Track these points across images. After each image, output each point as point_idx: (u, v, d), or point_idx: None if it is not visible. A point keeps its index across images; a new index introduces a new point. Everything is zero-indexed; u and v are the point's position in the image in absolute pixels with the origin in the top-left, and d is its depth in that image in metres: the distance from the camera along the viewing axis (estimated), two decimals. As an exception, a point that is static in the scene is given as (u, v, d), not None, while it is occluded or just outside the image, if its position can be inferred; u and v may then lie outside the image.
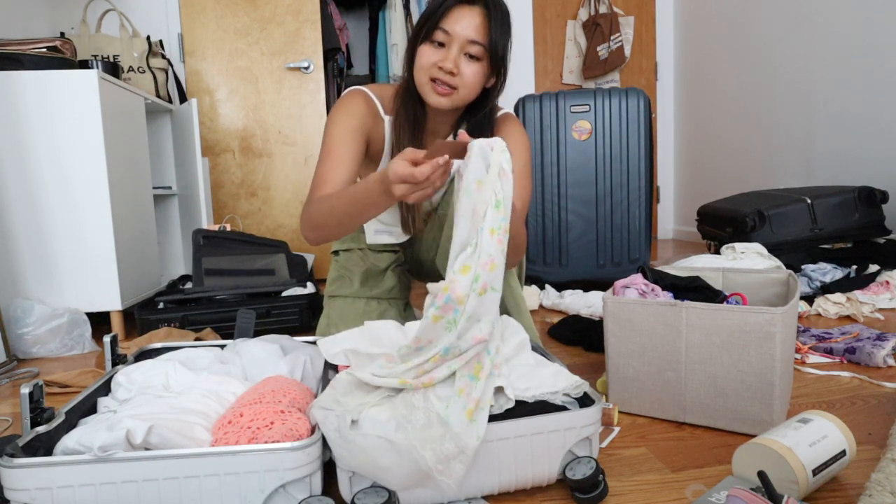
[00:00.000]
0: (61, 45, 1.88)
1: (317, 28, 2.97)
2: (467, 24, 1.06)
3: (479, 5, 1.07)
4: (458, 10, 1.07)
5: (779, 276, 1.21)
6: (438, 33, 1.07)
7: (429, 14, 1.09)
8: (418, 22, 1.12)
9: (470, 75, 1.09)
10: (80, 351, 1.74)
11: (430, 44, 1.09)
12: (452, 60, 1.07)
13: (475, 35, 1.07)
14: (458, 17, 1.06)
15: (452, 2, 1.07)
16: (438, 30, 1.07)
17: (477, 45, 1.07)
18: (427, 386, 0.79)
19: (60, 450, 0.74)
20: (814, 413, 0.84)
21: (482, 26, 1.07)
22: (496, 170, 0.77)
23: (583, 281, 2.30)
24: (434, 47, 1.09)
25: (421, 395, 0.79)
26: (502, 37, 1.09)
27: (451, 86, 1.10)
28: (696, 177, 3.93)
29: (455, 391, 0.78)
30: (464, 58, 1.08)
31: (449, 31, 1.07)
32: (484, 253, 0.75)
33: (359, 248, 1.44)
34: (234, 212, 2.99)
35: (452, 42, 1.07)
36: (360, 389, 0.82)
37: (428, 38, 1.09)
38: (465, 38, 1.07)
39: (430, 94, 1.11)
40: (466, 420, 0.75)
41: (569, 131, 2.37)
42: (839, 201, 2.22)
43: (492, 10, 1.07)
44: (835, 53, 2.77)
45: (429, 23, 1.08)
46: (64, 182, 1.81)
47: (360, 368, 0.85)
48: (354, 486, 0.75)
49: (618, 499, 0.80)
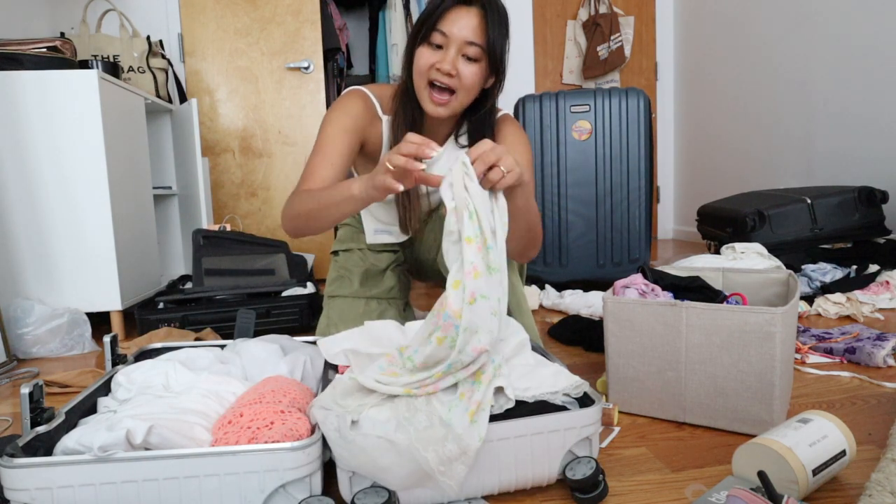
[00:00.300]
0: (61, 45, 1.88)
1: (317, 28, 2.97)
2: (464, 25, 1.06)
3: (476, 6, 1.07)
4: (455, 11, 1.07)
5: (779, 276, 1.21)
6: (436, 35, 1.08)
7: (426, 16, 1.09)
8: (416, 24, 1.12)
9: (468, 76, 1.09)
10: (80, 351, 1.74)
11: (428, 46, 1.09)
12: (450, 62, 1.07)
13: (472, 36, 1.07)
14: (456, 19, 1.06)
15: (449, 3, 1.07)
16: (436, 32, 1.07)
17: (474, 47, 1.07)
18: (430, 394, 0.80)
19: (60, 450, 0.74)
20: (814, 413, 0.84)
21: (479, 27, 1.07)
22: (460, 184, 0.79)
23: (583, 281, 2.30)
24: (432, 49, 1.09)
25: (423, 398, 0.79)
26: (500, 37, 1.09)
27: (450, 88, 1.10)
28: (696, 177, 3.94)
29: (457, 396, 0.79)
30: (462, 59, 1.08)
31: (446, 32, 1.07)
32: (467, 262, 0.76)
33: (358, 249, 1.44)
34: (234, 212, 2.99)
35: (450, 44, 1.07)
36: (360, 391, 0.82)
37: (426, 40, 1.09)
38: (462, 39, 1.07)
39: (427, 102, 1.12)
40: (468, 421, 0.75)
41: (569, 131, 2.37)
42: (839, 201, 2.22)
43: (489, 11, 1.07)
44: (835, 53, 2.77)
45: (426, 25, 1.09)
46: (64, 182, 1.81)
47: (361, 371, 0.85)
48: (354, 486, 0.75)
49: (618, 499, 0.80)
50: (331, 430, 0.74)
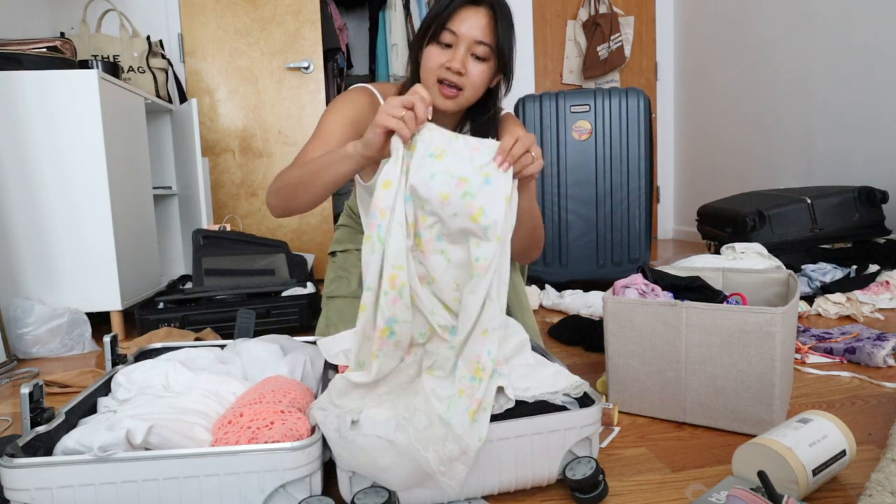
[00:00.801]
0: (61, 45, 1.88)
1: (317, 28, 2.97)
2: (474, 24, 1.07)
3: (484, 6, 1.08)
4: (464, 10, 1.08)
5: (779, 276, 1.21)
6: (445, 34, 1.08)
7: (435, 15, 1.10)
8: (424, 22, 1.13)
9: (477, 75, 1.10)
10: (80, 351, 1.74)
11: (437, 45, 1.10)
12: (460, 60, 1.08)
13: (482, 36, 1.08)
14: (465, 18, 1.07)
15: (459, 3, 1.08)
16: (445, 31, 1.08)
17: (484, 46, 1.08)
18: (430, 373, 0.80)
19: (60, 450, 0.74)
20: (814, 413, 0.84)
21: (488, 27, 1.08)
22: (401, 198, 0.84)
23: (583, 281, 2.30)
24: (441, 48, 1.10)
25: (422, 397, 0.79)
26: (508, 37, 1.10)
27: (458, 86, 1.10)
28: (696, 177, 3.93)
29: (455, 392, 0.78)
30: (470, 58, 1.09)
31: (456, 31, 1.07)
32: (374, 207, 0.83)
33: (356, 249, 1.44)
34: (234, 212, 2.99)
35: (459, 43, 1.08)
36: (357, 390, 0.82)
37: (435, 38, 1.10)
38: (471, 38, 1.07)
39: (437, 96, 1.12)
40: (468, 421, 0.75)
41: (569, 131, 2.37)
42: (839, 201, 2.22)
43: (497, 11, 1.08)
44: (835, 53, 2.77)
45: (435, 24, 1.09)
46: (64, 182, 1.81)
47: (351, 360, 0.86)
48: (354, 486, 0.75)
49: (618, 499, 0.80)
50: (331, 430, 0.74)
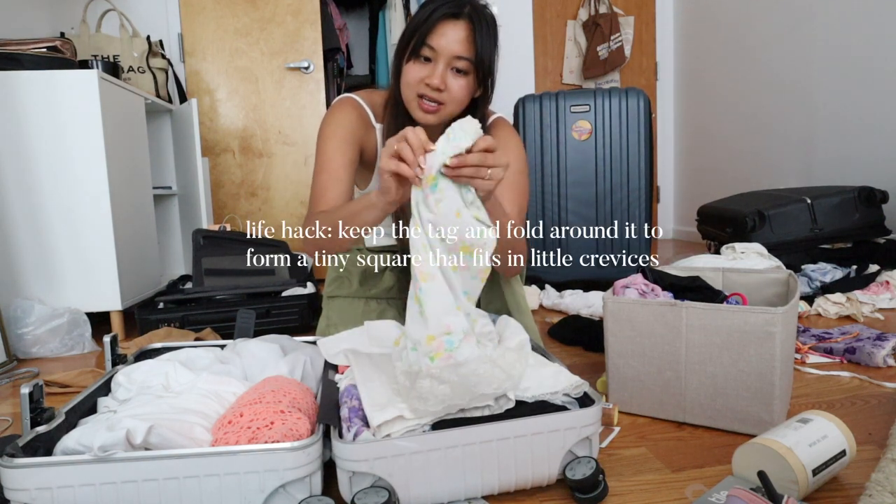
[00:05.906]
0: (61, 45, 1.88)
1: (317, 28, 2.97)
2: (453, 38, 1.05)
3: (463, 19, 1.06)
4: (443, 25, 1.05)
5: (779, 276, 1.21)
6: (424, 49, 1.07)
7: (414, 29, 1.08)
8: (402, 37, 1.11)
9: (457, 90, 1.09)
10: (80, 351, 1.74)
11: (417, 60, 1.08)
12: (439, 76, 1.06)
13: (461, 50, 1.06)
14: (444, 32, 1.05)
15: (437, 17, 1.06)
16: (424, 46, 1.06)
17: (463, 60, 1.06)
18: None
19: (60, 450, 0.74)
20: (814, 413, 0.84)
21: (468, 40, 1.06)
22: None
23: (583, 281, 2.30)
24: (420, 63, 1.08)
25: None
26: (488, 49, 1.08)
27: (439, 101, 1.09)
28: (696, 177, 3.93)
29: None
30: (450, 72, 1.08)
31: (435, 46, 1.06)
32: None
33: (357, 249, 1.44)
34: (234, 212, 2.99)
35: (439, 57, 1.06)
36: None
37: (414, 54, 1.09)
38: (451, 53, 1.06)
39: (416, 110, 1.11)
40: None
41: (569, 131, 2.37)
42: (839, 201, 2.22)
43: (476, 23, 1.06)
44: (835, 53, 2.77)
45: (414, 39, 1.07)
46: (64, 182, 1.81)
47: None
48: (354, 486, 0.75)
49: (618, 499, 0.80)
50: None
